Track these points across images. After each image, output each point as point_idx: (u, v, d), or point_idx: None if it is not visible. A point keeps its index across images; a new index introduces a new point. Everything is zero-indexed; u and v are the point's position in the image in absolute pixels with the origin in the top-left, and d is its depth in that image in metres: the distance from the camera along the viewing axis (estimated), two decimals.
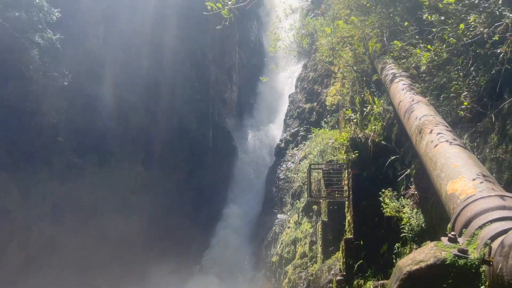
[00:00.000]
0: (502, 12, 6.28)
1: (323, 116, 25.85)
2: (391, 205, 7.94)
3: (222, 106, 39.16)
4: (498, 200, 3.74)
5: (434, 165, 5.09)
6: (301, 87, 33.87)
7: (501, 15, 6.22)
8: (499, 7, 6.12)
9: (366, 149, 9.12)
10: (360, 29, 13.12)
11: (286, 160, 30.05)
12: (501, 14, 6.24)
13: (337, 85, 19.26)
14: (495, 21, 6.13)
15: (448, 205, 4.36)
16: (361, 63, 13.24)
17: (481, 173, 4.35)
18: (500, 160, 6.28)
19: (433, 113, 6.49)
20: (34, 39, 21.97)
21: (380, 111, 9.35)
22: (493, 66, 6.54)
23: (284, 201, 27.32)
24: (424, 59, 7.31)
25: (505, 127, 6.33)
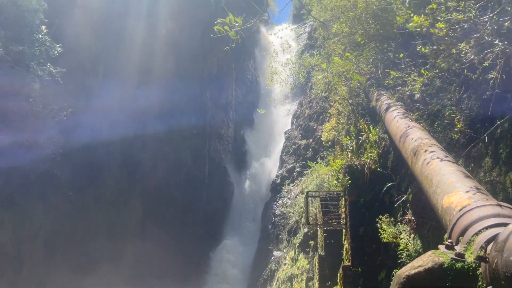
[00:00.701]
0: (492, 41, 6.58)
1: (318, 152, 26.07)
2: (388, 231, 7.97)
3: (218, 142, 39.39)
4: (492, 209, 3.84)
5: (430, 183, 5.20)
6: (297, 124, 34.31)
7: (491, 43, 6.51)
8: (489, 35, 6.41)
9: (362, 176, 9.22)
10: (354, 64, 13.53)
11: (282, 196, 29.97)
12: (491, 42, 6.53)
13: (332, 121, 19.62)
14: (485, 48, 6.41)
15: (445, 218, 4.44)
16: (356, 97, 13.57)
17: (475, 187, 4.46)
18: (494, 182, 6.41)
19: (427, 136, 6.67)
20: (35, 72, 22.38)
21: (376, 139, 9.54)
22: (484, 91, 6.78)
23: (280, 237, 27.03)
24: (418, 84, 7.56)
25: (498, 150, 6.50)
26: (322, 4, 14.71)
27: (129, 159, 31.59)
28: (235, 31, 5.49)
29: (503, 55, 6.27)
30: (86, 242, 27.97)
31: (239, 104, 44.65)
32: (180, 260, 30.56)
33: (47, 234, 26.55)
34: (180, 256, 30.83)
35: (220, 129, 40.31)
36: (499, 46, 6.24)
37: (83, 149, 28.70)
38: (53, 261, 26.49)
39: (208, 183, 35.76)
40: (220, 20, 5.54)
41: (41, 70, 22.58)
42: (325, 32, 17.21)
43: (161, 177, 32.78)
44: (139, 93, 32.50)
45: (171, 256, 30.51)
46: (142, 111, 32.81)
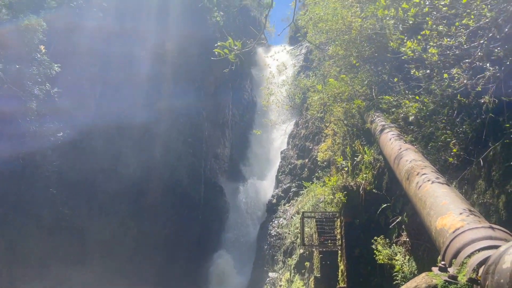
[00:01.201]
0: (483, 66, 6.74)
1: (314, 172, 26.11)
2: (383, 252, 7.98)
3: (214, 162, 39.42)
4: (485, 231, 3.90)
5: (424, 204, 5.26)
6: (293, 143, 34.46)
7: (483, 68, 6.66)
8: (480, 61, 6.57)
9: (358, 197, 9.27)
10: (350, 86, 13.71)
11: (278, 216, 29.87)
12: (482, 67, 6.69)
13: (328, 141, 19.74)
14: (477, 73, 6.56)
15: (438, 240, 4.49)
16: (352, 118, 13.71)
17: (468, 209, 4.53)
18: (487, 204, 6.48)
19: (421, 158, 6.76)
20: (33, 91, 22.49)
21: (371, 160, 9.62)
22: (477, 115, 6.91)
23: (276, 258, 26.83)
24: (413, 110, 7.68)
25: (491, 173, 6.59)
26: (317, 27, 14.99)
27: (124, 178, 31.47)
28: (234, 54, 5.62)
29: (495, 79, 6.42)
30: (81, 262, 27.65)
31: (236, 124, 44.87)
32: (174, 280, 30.21)
33: (41, 254, 26.22)
34: (175, 276, 30.49)
35: (217, 148, 40.39)
36: (491, 71, 6.39)
37: (79, 169, 28.62)
38: (47, 282, 26.10)
39: (203, 203, 35.61)
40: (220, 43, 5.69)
41: (38, 90, 22.69)
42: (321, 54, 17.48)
43: (156, 197, 32.63)
44: (136, 113, 32.61)
45: (165, 275, 30.17)
46: (138, 130, 32.88)
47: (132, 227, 31.04)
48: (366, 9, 11.38)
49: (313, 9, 16.39)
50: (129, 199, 31.35)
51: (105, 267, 28.20)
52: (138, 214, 31.52)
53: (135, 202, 31.61)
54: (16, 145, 23.10)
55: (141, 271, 29.56)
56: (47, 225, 26.59)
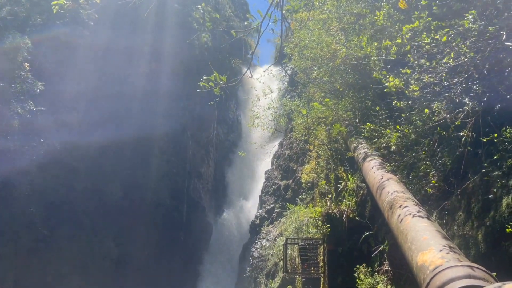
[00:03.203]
0: (462, 100, 6.94)
1: (298, 193, 26.16)
2: (365, 281, 8.02)
3: (198, 181, 39.20)
4: (464, 270, 3.97)
5: (405, 238, 5.34)
6: (277, 164, 34.53)
7: (461, 103, 6.86)
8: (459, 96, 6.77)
9: (341, 224, 9.33)
10: (334, 110, 13.90)
11: (261, 238, 29.68)
12: (461, 101, 6.89)
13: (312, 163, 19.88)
14: (457, 107, 6.75)
15: (419, 275, 4.56)
16: (335, 142, 13.87)
17: (448, 245, 4.61)
18: (467, 236, 6.59)
19: (403, 189, 6.87)
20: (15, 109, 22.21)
21: (354, 187, 9.72)
22: (456, 148, 7.08)
23: (258, 281, 26.58)
24: (394, 139, 7.83)
25: (471, 205, 6.72)
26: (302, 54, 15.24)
27: (106, 198, 31.05)
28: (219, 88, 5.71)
29: (473, 114, 6.61)
30: (58, 283, 26.95)
31: (220, 143, 44.88)
32: None
33: (18, 275, 25.50)
34: None
35: (200, 168, 40.24)
36: (469, 106, 6.58)
37: (58, 187, 28.14)
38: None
39: (186, 223, 35.28)
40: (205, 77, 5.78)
41: (21, 108, 22.43)
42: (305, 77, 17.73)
43: (138, 217, 32.21)
44: (119, 131, 32.39)
45: None
46: (121, 148, 32.60)
47: (112, 248, 30.48)
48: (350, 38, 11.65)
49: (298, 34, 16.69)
50: (111, 219, 30.86)
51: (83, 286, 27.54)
52: (119, 235, 31.01)
53: (116, 222, 31.11)
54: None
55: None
56: (25, 245, 25.94)
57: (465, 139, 6.72)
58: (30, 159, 24.62)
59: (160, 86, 35.92)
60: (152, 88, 35.39)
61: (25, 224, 26.07)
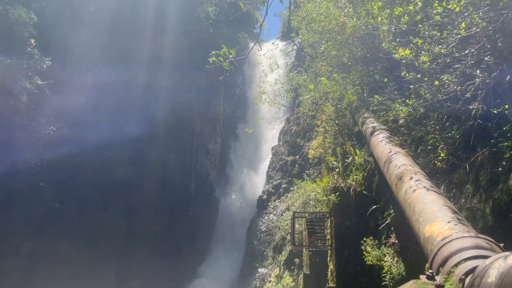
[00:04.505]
0: (473, 73, 6.83)
1: (305, 169, 26.22)
2: (372, 253, 8.09)
3: (205, 157, 39.37)
4: (472, 240, 3.98)
5: (413, 210, 5.35)
6: (284, 140, 34.53)
7: (472, 75, 6.76)
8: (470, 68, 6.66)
9: (348, 198, 9.37)
10: (341, 85, 13.78)
11: (268, 212, 29.95)
12: (472, 74, 6.79)
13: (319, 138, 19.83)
14: (467, 80, 6.66)
15: (426, 247, 4.58)
16: (343, 117, 13.80)
17: (456, 217, 4.62)
18: (475, 209, 6.60)
19: (411, 163, 6.84)
20: (23, 85, 22.23)
21: (361, 162, 9.71)
22: (466, 121, 7.02)
23: (265, 254, 26.96)
24: (403, 113, 7.76)
25: (479, 178, 6.71)
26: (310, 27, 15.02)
27: (115, 173, 31.35)
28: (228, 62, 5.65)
29: (484, 86, 6.52)
30: (68, 257, 27.53)
31: (227, 119, 44.81)
32: (165, 274, 30.25)
33: (29, 248, 26.08)
34: (165, 272, 30.51)
35: (207, 144, 40.34)
36: (480, 78, 6.49)
37: (68, 163, 28.41)
38: (35, 275, 25.97)
39: (193, 198, 35.63)
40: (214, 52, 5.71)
41: (29, 84, 22.45)
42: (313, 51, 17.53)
43: (147, 192, 32.56)
44: (127, 107, 32.44)
45: (155, 271, 30.18)
46: (129, 125, 32.71)
47: (122, 223, 30.96)
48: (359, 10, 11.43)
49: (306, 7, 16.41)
50: (119, 195, 31.24)
51: (95, 263, 28.13)
52: (128, 210, 31.44)
53: (125, 197, 31.50)
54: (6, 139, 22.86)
55: (131, 266, 29.54)
56: (36, 221, 26.42)
57: (475, 112, 6.65)
58: (39, 135, 24.80)
59: (166, 61, 35.70)
60: (158, 64, 35.20)
61: (35, 199, 26.48)
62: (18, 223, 25.72)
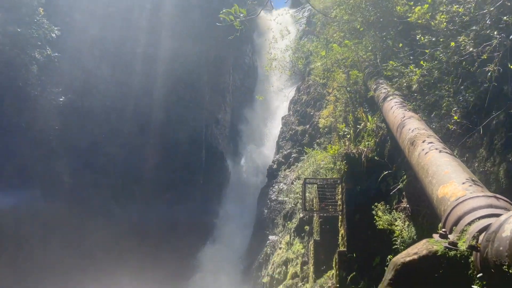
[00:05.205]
0: (490, 34, 6.66)
1: (315, 138, 26.14)
2: (383, 218, 8.14)
3: (215, 127, 39.43)
4: (486, 200, 3.98)
5: (426, 173, 5.34)
6: (294, 109, 34.32)
7: (490, 36, 6.59)
8: (488, 29, 6.49)
9: (359, 164, 9.37)
10: (354, 51, 13.55)
11: (278, 182, 30.11)
12: (489, 35, 6.62)
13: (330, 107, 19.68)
14: (484, 41, 6.50)
15: (439, 208, 4.59)
16: (355, 84, 13.63)
17: (470, 178, 4.60)
18: (488, 173, 6.57)
19: (424, 127, 6.79)
20: (33, 55, 22.21)
21: (373, 127, 9.66)
22: (481, 84, 6.89)
23: (276, 222, 27.27)
24: (416, 77, 7.64)
25: (493, 141, 6.65)
26: None
27: (127, 143, 31.64)
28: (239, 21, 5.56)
29: (501, 48, 6.37)
30: (81, 226, 28.17)
31: (237, 89, 44.55)
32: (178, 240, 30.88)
33: (46, 216, 26.72)
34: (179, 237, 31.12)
35: (217, 114, 40.31)
36: (498, 39, 6.33)
37: (80, 133, 28.69)
38: (52, 243, 26.72)
39: (204, 168, 35.92)
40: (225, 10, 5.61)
41: (39, 53, 22.42)
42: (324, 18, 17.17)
43: (157, 161, 32.92)
44: (137, 77, 32.40)
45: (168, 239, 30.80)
46: (139, 95, 32.76)
47: (134, 192, 31.45)
48: None
49: None
50: (131, 163, 31.64)
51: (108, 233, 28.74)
52: (139, 179, 31.87)
53: (137, 166, 31.91)
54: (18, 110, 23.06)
55: (144, 233, 30.18)
56: (50, 190, 26.94)
57: (490, 74, 6.52)
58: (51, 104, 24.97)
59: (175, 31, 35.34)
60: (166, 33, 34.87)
61: (49, 168, 26.94)
62: (35, 191, 26.28)
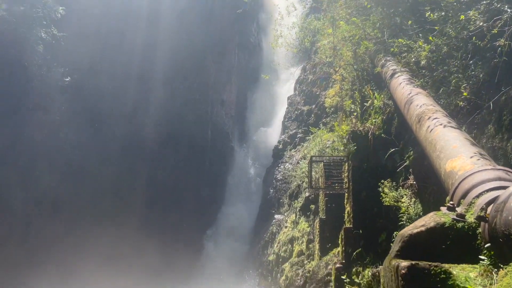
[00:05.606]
0: (501, 8, 6.55)
1: (321, 118, 26.08)
2: (390, 194, 8.17)
3: (220, 107, 39.34)
4: (494, 173, 3.98)
5: (434, 148, 5.33)
6: (300, 89, 34.14)
7: (500, 10, 6.48)
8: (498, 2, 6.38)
9: (366, 141, 9.36)
10: (361, 29, 13.38)
11: (284, 162, 30.17)
12: (500, 9, 6.50)
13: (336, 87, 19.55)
14: (494, 15, 6.40)
15: (447, 181, 4.60)
16: (362, 62, 13.50)
17: (479, 152, 4.59)
18: (496, 148, 6.55)
19: (432, 102, 6.75)
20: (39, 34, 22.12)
21: (381, 105, 9.61)
22: (491, 59, 6.81)
23: (282, 201, 27.46)
24: (425, 52, 7.56)
25: (502, 117, 6.60)
26: None
27: (133, 122, 31.74)
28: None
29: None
30: (90, 204, 28.51)
31: (242, 69, 44.23)
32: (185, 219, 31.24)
33: (54, 195, 27.05)
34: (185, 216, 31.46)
35: (223, 94, 40.16)
36: (509, 13, 6.23)
37: (87, 112, 28.79)
38: (60, 221, 27.12)
39: (210, 148, 36.02)
40: None
41: (45, 33, 22.34)
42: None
43: (163, 142, 33.05)
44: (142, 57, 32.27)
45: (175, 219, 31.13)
46: (145, 75, 32.70)
47: (140, 171, 31.67)
48: None
49: None
50: (137, 143, 31.80)
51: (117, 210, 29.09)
52: (146, 159, 32.07)
53: (143, 147, 32.07)
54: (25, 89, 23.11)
55: (152, 211, 30.53)
56: (59, 168, 27.20)
57: (501, 49, 6.44)
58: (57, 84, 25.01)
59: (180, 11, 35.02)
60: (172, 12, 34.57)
61: (57, 148, 27.16)
62: (44, 170, 26.55)
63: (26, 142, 25.50)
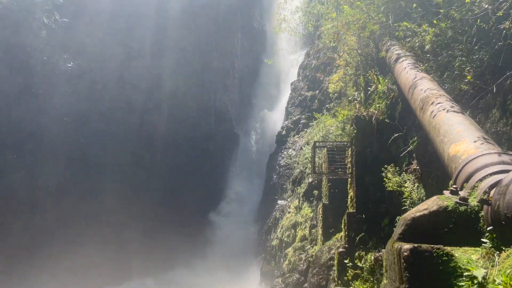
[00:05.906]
0: None
1: (325, 104, 25.98)
2: (393, 179, 8.18)
3: (223, 93, 39.21)
4: (498, 157, 3.98)
5: (437, 132, 5.32)
6: (303, 75, 33.95)
7: None
8: None
9: (370, 127, 9.34)
10: (365, 13, 13.24)
11: (287, 148, 30.18)
12: None
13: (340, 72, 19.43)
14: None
15: (451, 165, 4.60)
16: (366, 47, 13.40)
17: (482, 136, 4.58)
18: (500, 133, 6.53)
19: (437, 87, 6.71)
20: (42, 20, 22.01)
21: (385, 90, 9.56)
22: (496, 42, 6.74)
23: (285, 187, 27.54)
24: (430, 36, 7.49)
25: (506, 102, 6.56)
26: None
27: (136, 109, 31.74)
28: None
29: None
30: (94, 189, 28.70)
31: (245, 54, 43.95)
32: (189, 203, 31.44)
33: (59, 182, 27.24)
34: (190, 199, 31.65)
35: (226, 80, 39.99)
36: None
37: (91, 98, 28.80)
38: (65, 208, 27.34)
39: (214, 134, 36.02)
40: None
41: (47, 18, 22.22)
42: None
43: (167, 127, 33.05)
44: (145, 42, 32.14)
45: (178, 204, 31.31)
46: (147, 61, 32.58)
47: (144, 157, 31.77)
48: None
49: None
50: (140, 129, 31.83)
51: (119, 195, 29.27)
52: (150, 144, 32.13)
53: (146, 132, 32.12)
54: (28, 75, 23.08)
55: (154, 198, 30.69)
56: (63, 154, 27.33)
57: (505, 32, 6.37)
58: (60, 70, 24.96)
59: None
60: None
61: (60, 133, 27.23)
62: (48, 155, 26.68)
63: (30, 127, 25.58)
